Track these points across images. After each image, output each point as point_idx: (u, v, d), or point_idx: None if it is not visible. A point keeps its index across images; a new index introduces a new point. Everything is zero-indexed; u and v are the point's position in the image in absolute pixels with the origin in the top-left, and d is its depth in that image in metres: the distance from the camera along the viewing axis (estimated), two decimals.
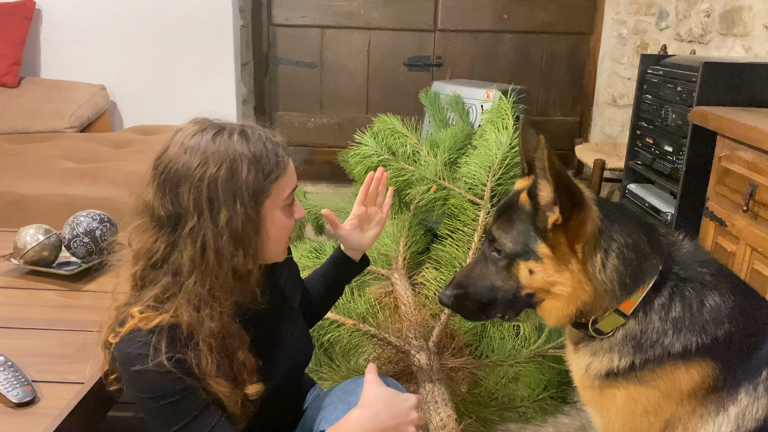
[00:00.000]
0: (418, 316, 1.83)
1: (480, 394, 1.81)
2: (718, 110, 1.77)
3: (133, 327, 0.97)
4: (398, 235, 2.14)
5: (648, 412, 0.99)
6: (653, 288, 0.97)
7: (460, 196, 2.01)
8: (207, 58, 3.49)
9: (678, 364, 0.96)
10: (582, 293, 0.97)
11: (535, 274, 0.99)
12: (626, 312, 0.97)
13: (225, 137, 0.99)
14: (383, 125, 2.34)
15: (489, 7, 3.84)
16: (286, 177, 1.02)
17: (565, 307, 0.99)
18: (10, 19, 3.19)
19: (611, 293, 0.97)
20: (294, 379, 1.29)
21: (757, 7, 2.33)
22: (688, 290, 0.97)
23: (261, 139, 1.01)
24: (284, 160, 1.02)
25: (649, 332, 0.97)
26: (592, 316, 1.00)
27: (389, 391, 1.01)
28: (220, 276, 0.98)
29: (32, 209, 2.25)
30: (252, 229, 0.99)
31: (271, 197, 1.01)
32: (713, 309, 0.97)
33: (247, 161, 0.97)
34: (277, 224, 1.04)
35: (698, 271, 0.99)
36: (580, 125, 4.06)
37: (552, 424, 1.84)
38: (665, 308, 0.97)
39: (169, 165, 0.98)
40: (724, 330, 0.96)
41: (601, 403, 1.03)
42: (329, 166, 3.71)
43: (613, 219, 0.98)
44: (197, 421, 0.98)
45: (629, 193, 2.48)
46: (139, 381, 0.96)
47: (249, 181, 0.97)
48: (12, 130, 3.03)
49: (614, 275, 0.97)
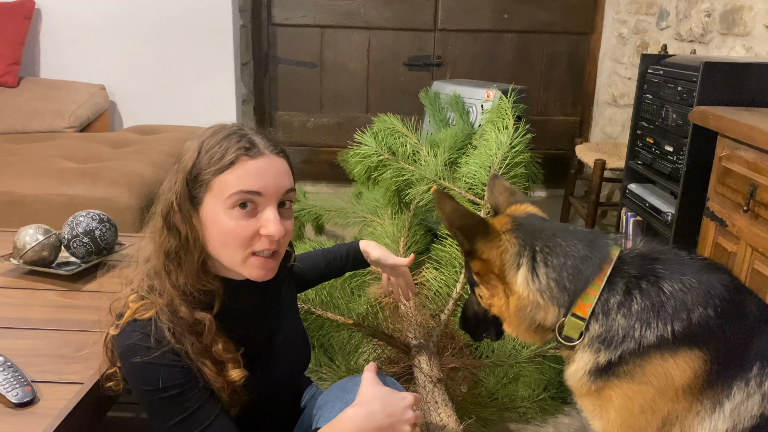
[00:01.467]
0: (418, 316, 1.83)
1: (480, 394, 1.81)
2: (719, 110, 1.77)
3: (131, 318, 0.99)
4: (398, 235, 2.14)
5: (645, 410, 0.99)
6: (608, 289, 0.99)
7: (460, 196, 2.01)
8: (207, 57, 3.49)
9: (665, 357, 0.97)
10: (520, 307, 1.03)
11: (482, 299, 1.10)
12: (583, 315, 1.00)
13: (210, 131, 1.03)
14: (383, 125, 2.33)
15: (489, 7, 3.84)
16: (231, 175, 0.98)
17: (515, 322, 1.05)
18: (10, 18, 3.19)
19: (554, 299, 1.01)
20: (291, 382, 1.29)
21: (757, 6, 2.33)
22: (644, 284, 0.99)
23: (232, 135, 1.01)
24: (233, 156, 0.98)
25: (614, 329, 0.99)
26: (549, 324, 1.03)
27: (385, 390, 1.01)
28: (160, 255, 1.02)
29: (31, 209, 2.24)
30: (180, 218, 1.00)
31: (211, 192, 0.99)
32: (676, 296, 0.98)
33: (193, 149, 1.01)
34: (219, 225, 0.99)
35: (652, 267, 1.01)
36: (581, 125, 4.06)
37: (552, 425, 1.83)
38: (625, 305, 0.99)
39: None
40: (698, 313, 0.97)
41: (600, 406, 1.04)
42: (329, 166, 3.71)
43: (536, 235, 1.03)
44: (197, 415, 0.99)
45: (629, 193, 2.48)
46: (141, 373, 0.97)
47: (187, 168, 1.00)
48: (11, 129, 3.03)
49: (550, 282, 1.01)
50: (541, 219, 1.11)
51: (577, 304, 1.00)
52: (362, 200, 2.68)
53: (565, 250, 1.02)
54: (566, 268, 1.01)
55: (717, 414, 0.96)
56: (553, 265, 1.01)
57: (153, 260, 1.04)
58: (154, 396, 0.98)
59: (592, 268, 1.00)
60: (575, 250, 1.02)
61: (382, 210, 2.40)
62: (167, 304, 1.01)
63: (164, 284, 1.02)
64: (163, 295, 1.01)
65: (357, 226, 2.59)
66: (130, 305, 1.01)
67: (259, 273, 1.03)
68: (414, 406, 1.02)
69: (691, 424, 0.98)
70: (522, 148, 2.02)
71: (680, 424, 0.99)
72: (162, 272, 1.02)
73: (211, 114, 1.11)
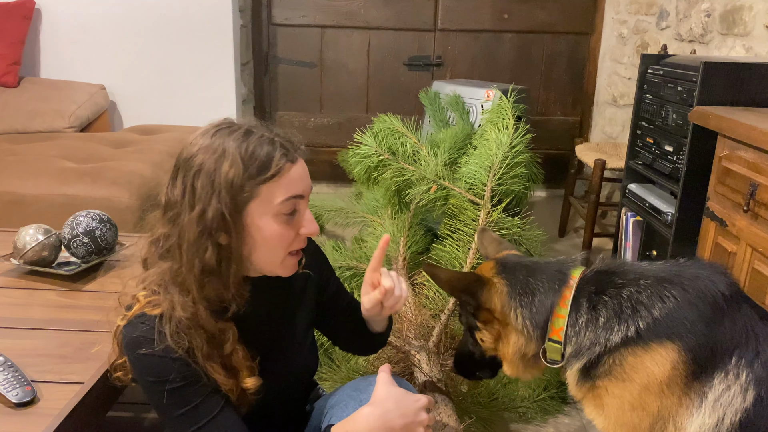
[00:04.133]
0: (418, 316, 1.83)
1: (480, 394, 1.81)
2: (719, 110, 1.77)
3: (139, 311, 0.99)
4: (398, 235, 2.14)
5: (635, 406, 1.04)
6: (575, 310, 1.10)
7: (461, 196, 2.01)
8: (207, 57, 3.49)
9: (636, 352, 1.04)
10: (516, 346, 1.15)
11: (484, 342, 1.20)
12: (558, 338, 1.11)
13: (225, 133, 0.99)
14: (383, 125, 2.33)
15: (489, 7, 3.84)
16: (280, 182, 0.98)
17: (513, 360, 1.17)
18: (10, 18, 3.19)
19: (533, 335, 1.14)
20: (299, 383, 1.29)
21: (757, 6, 2.33)
22: (605, 297, 1.09)
23: (263, 139, 0.99)
24: (280, 164, 0.98)
25: (584, 342, 1.09)
26: (534, 353, 1.15)
27: (400, 391, 1.02)
28: (194, 267, 0.98)
29: (32, 209, 2.24)
30: (223, 228, 0.97)
31: (258, 200, 0.98)
32: (633, 298, 1.07)
33: (232, 157, 0.96)
34: (266, 231, 0.99)
35: (611, 280, 1.11)
36: (581, 125, 4.06)
37: (552, 425, 1.84)
38: (592, 320, 1.09)
39: (179, 156, 1.01)
40: (658, 308, 1.05)
41: (596, 407, 1.10)
42: (329, 166, 3.71)
43: (516, 280, 1.15)
44: (202, 407, 1.00)
45: (629, 193, 2.48)
46: (145, 364, 0.98)
47: (229, 178, 0.95)
48: (11, 129, 3.03)
49: (526, 321, 1.13)
50: (517, 257, 1.23)
51: (551, 329, 1.12)
52: (362, 200, 2.68)
53: (533, 288, 1.14)
54: (534, 304, 1.13)
55: (703, 407, 1.01)
56: (526, 304, 1.13)
57: (177, 275, 0.99)
58: (159, 387, 0.98)
59: (553, 297, 1.12)
60: (540, 285, 1.14)
61: (382, 210, 2.40)
62: (190, 317, 0.98)
63: (191, 297, 0.98)
64: (186, 309, 0.98)
65: (357, 226, 2.59)
66: (140, 298, 1.01)
67: (291, 269, 1.07)
68: (427, 408, 1.03)
69: (682, 420, 1.02)
70: (522, 148, 2.02)
71: (673, 420, 1.03)
72: (193, 285, 0.98)
73: (211, 114, 1.09)
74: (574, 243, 3.26)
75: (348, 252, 2.27)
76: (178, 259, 0.99)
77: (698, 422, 1.00)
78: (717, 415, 0.99)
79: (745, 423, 0.98)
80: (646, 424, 1.03)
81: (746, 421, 0.98)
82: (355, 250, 2.27)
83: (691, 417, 1.01)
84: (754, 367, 1.00)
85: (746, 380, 0.99)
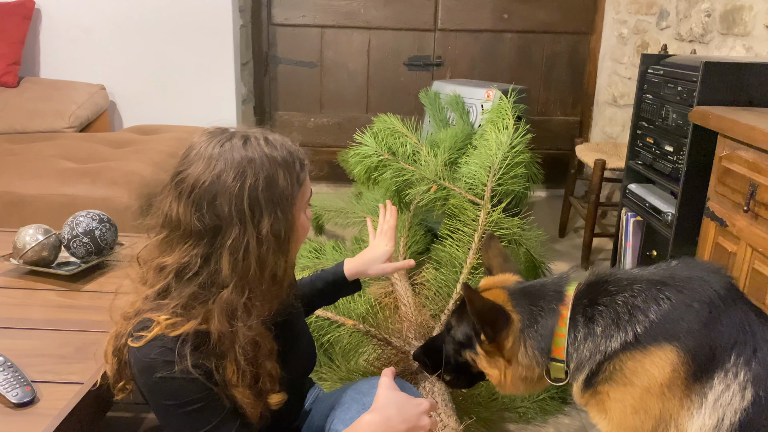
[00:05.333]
0: (418, 317, 1.83)
1: (480, 394, 1.81)
2: (719, 110, 1.76)
3: (159, 333, 0.94)
4: (398, 235, 2.14)
5: (637, 410, 1.04)
6: (573, 328, 1.11)
7: (461, 196, 2.01)
8: (207, 57, 3.49)
9: (636, 356, 1.04)
10: (516, 375, 1.16)
11: (476, 362, 1.20)
12: (561, 357, 1.12)
13: (254, 146, 0.97)
14: (383, 125, 2.33)
15: (489, 7, 3.84)
16: (307, 179, 1.05)
17: (506, 385, 1.17)
18: (10, 18, 3.19)
19: (537, 362, 1.14)
20: (302, 383, 1.29)
21: (757, 6, 2.33)
22: (601, 307, 1.10)
23: (283, 144, 1.01)
24: (306, 163, 1.04)
25: (584, 355, 1.10)
26: (539, 376, 1.16)
27: (402, 396, 1.02)
28: (263, 283, 0.98)
29: (31, 209, 2.24)
30: (290, 234, 1.00)
31: (298, 199, 1.02)
32: (628, 303, 1.08)
33: (281, 168, 0.98)
34: (302, 226, 1.05)
35: (604, 289, 1.12)
36: (581, 125, 4.06)
37: (552, 425, 1.83)
38: (590, 334, 1.09)
39: (198, 180, 0.95)
40: (654, 311, 1.05)
41: (601, 411, 1.10)
42: (329, 166, 3.71)
43: (524, 311, 1.14)
44: (219, 428, 0.98)
45: (629, 193, 2.48)
46: (164, 388, 0.95)
47: (285, 187, 0.98)
48: (11, 129, 3.03)
49: (533, 351, 1.13)
50: (520, 284, 1.23)
51: (552, 350, 1.12)
52: (362, 200, 2.68)
53: (536, 316, 1.14)
54: (539, 332, 1.13)
55: (704, 408, 1.01)
56: (532, 336, 1.13)
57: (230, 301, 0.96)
58: (178, 410, 0.96)
59: (553, 318, 1.12)
60: (541, 311, 1.14)
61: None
62: (251, 342, 0.98)
63: (249, 319, 0.97)
64: (251, 331, 0.97)
65: (357, 226, 2.59)
66: (160, 321, 0.95)
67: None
68: (429, 413, 1.03)
69: (683, 421, 1.02)
70: (522, 148, 2.02)
71: (675, 422, 1.03)
72: (256, 302, 0.98)
73: (211, 114, 1.09)
74: (574, 243, 3.26)
75: (348, 252, 2.27)
76: (230, 280, 0.96)
77: (699, 423, 1.01)
78: (717, 416, 0.99)
79: (744, 423, 0.99)
80: (648, 426, 1.04)
81: (746, 421, 0.99)
82: (355, 250, 2.27)
83: (692, 418, 1.01)
84: (752, 365, 1.00)
85: (744, 379, 1.00)
